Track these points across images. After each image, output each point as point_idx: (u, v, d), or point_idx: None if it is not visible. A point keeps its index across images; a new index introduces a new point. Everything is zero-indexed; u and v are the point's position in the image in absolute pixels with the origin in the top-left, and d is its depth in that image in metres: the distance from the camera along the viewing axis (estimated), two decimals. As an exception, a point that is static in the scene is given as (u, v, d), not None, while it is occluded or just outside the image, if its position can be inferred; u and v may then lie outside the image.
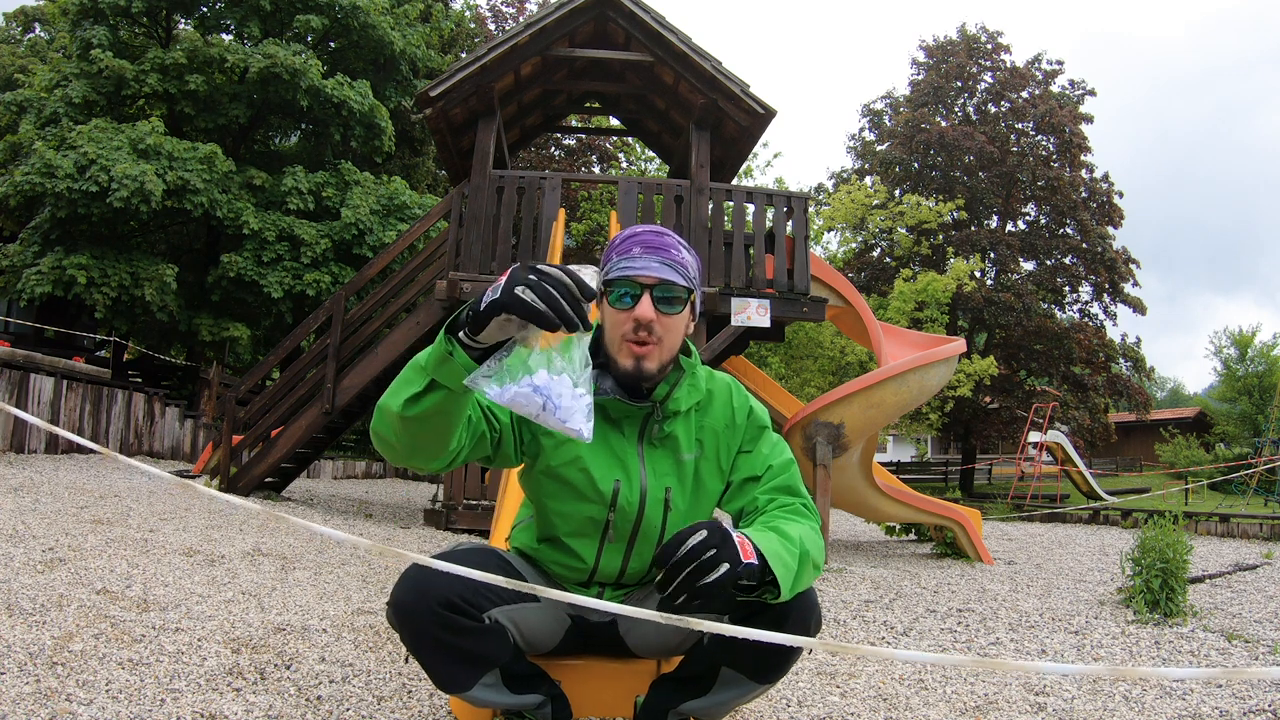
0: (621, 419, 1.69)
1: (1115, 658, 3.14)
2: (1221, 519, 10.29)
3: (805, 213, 7.37)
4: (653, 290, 1.58)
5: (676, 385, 1.68)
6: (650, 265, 1.58)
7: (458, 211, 7.28)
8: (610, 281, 1.61)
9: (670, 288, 1.59)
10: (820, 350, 16.21)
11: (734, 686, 1.69)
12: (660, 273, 1.58)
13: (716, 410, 1.73)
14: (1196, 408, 34.34)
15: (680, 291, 1.60)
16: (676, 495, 1.69)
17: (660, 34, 7.16)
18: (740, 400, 1.76)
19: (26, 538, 3.68)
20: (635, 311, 1.58)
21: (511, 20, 20.83)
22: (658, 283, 1.58)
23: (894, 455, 38.47)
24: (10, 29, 19.92)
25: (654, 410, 1.67)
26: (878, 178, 23.09)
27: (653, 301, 1.58)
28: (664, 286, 1.59)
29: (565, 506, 1.68)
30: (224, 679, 2.10)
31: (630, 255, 1.60)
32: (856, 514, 7.66)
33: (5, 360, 8.57)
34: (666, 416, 1.68)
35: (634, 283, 1.59)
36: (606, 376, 1.66)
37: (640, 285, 1.59)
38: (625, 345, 1.61)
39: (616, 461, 1.67)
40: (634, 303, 1.59)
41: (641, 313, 1.58)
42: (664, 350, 1.62)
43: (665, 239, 1.62)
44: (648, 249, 1.60)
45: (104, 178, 10.73)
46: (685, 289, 1.61)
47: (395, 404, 1.40)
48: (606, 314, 1.64)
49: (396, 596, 1.55)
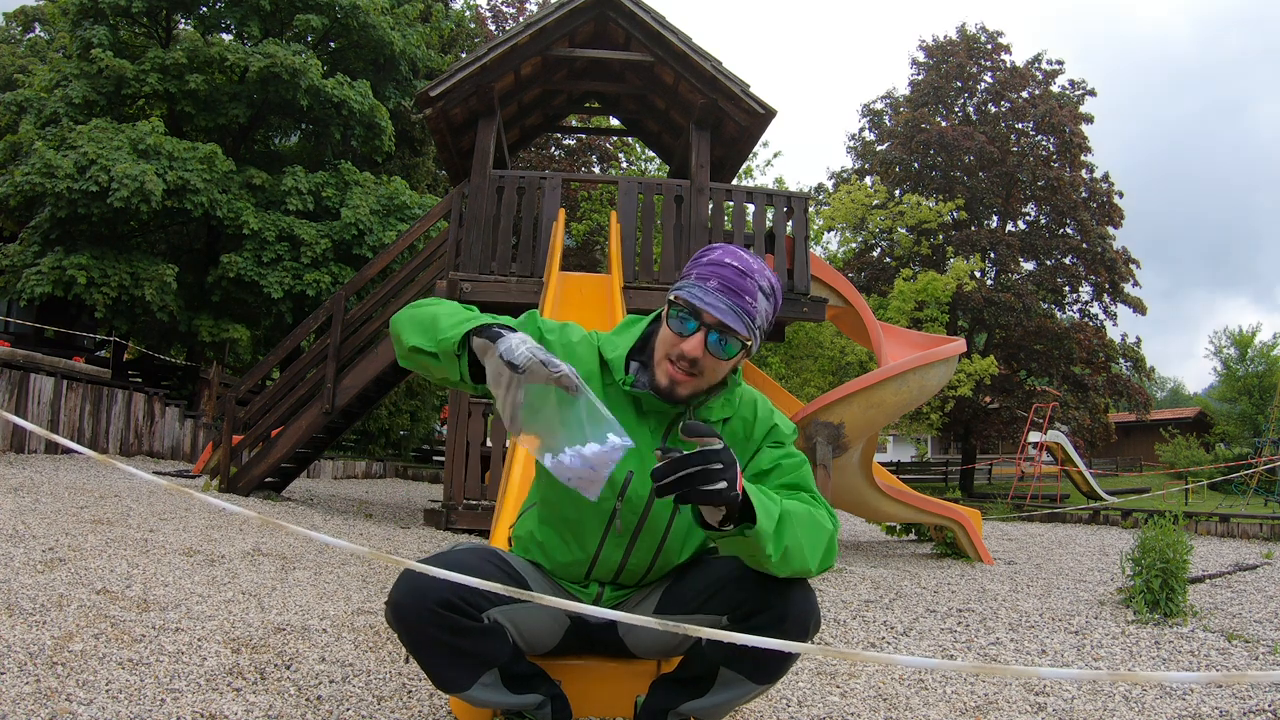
0: (651, 414, 1.69)
1: (1115, 658, 3.14)
2: (1221, 519, 10.29)
3: (805, 213, 7.37)
4: (709, 331, 1.56)
5: (713, 396, 1.68)
6: (719, 305, 1.54)
7: (458, 211, 7.28)
8: (676, 299, 1.59)
9: (730, 334, 1.56)
10: (820, 350, 16.21)
11: (733, 687, 1.69)
12: (725, 317, 1.54)
13: (736, 423, 1.73)
14: (1196, 408, 34.34)
15: (738, 341, 1.58)
16: None
17: (660, 34, 7.16)
18: (763, 414, 1.75)
19: (26, 538, 3.68)
20: (684, 345, 1.57)
21: (511, 20, 20.83)
22: (718, 325, 1.55)
23: (894, 455, 38.47)
24: (10, 29, 19.93)
25: (685, 414, 1.68)
26: (878, 178, 23.08)
27: (706, 341, 1.56)
28: (723, 330, 1.56)
29: None
30: (224, 679, 2.10)
31: (706, 285, 1.56)
32: (856, 514, 7.66)
33: (5, 360, 8.57)
34: None
35: (697, 313, 1.56)
36: (646, 373, 1.68)
37: (702, 320, 1.56)
38: (666, 364, 1.60)
39: (634, 453, 1.66)
40: (689, 333, 1.57)
41: (690, 348, 1.56)
42: (701, 384, 1.62)
43: (747, 282, 1.57)
44: (725, 287, 1.56)
45: (104, 178, 10.73)
46: (744, 340, 1.58)
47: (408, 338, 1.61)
48: (664, 325, 1.63)
49: (394, 596, 1.55)
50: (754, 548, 1.45)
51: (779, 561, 1.48)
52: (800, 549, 1.51)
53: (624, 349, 1.69)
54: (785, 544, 1.48)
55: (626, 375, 1.67)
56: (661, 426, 1.69)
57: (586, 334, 1.75)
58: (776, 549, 1.47)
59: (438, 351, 1.55)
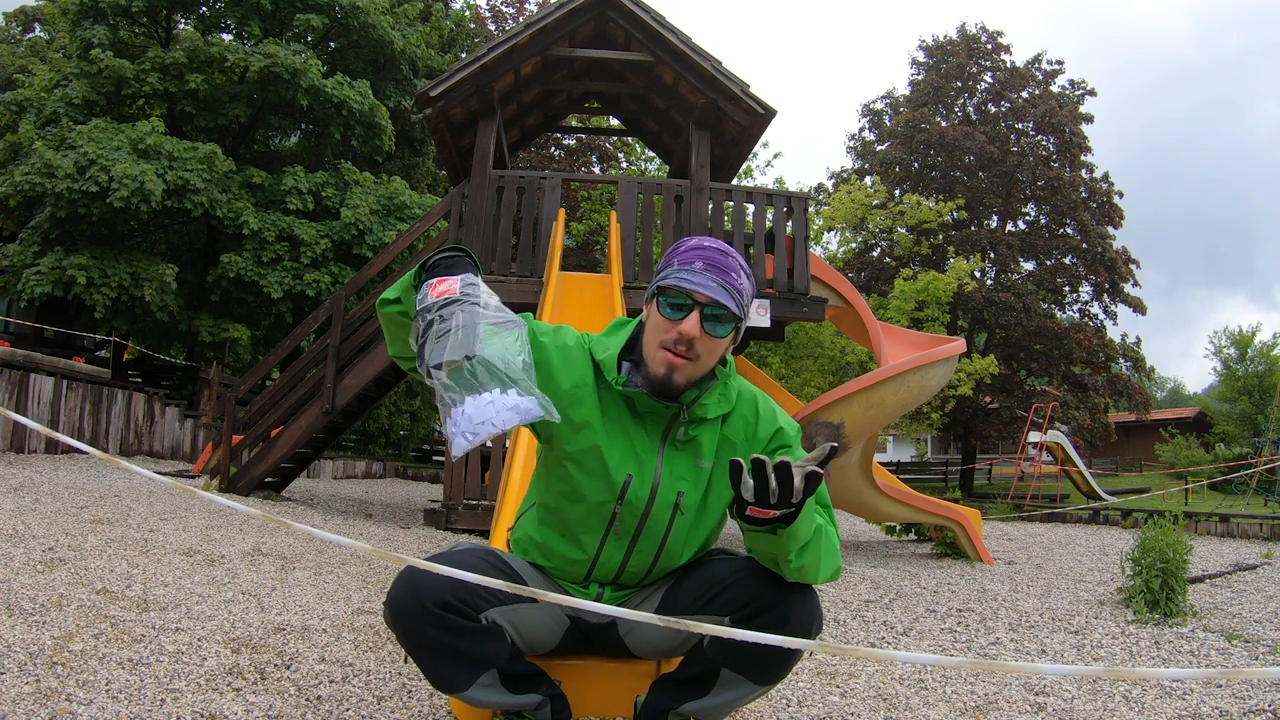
0: (646, 415, 1.69)
1: (1115, 658, 3.14)
2: (1221, 519, 10.28)
3: (805, 213, 7.37)
4: (704, 309, 1.58)
5: (706, 392, 1.68)
6: (709, 284, 1.57)
7: (458, 211, 7.28)
8: (664, 287, 1.61)
9: (722, 310, 1.59)
10: (820, 350, 16.20)
11: (734, 687, 1.69)
12: (716, 294, 1.57)
13: (737, 423, 1.73)
14: (1196, 408, 34.35)
15: (730, 318, 1.60)
16: (688, 499, 1.69)
17: (660, 34, 7.16)
18: (765, 413, 1.75)
19: (26, 538, 3.68)
20: (681, 326, 1.58)
21: (511, 20, 20.83)
22: (710, 302, 1.58)
23: (894, 455, 38.46)
24: (10, 29, 19.94)
25: (681, 412, 1.67)
26: (878, 178, 23.08)
27: (701, 320, 1.58)
28: (716, 308, 1.58)
29: (576, 492, 1.68)
30: (224, 679, 2.10)
31: (691, 269, 1.59)
32: (856, 514, 7.66)
33: (5, 360, 8.57)
34: (692, 421, 1.68)
35: (688, 295, 1.58)
36: (638, 373, 1.67)
37: (694, 300, 1.58)
38: (662, 353, 1.61)
39: (633, 455, 1.67)
40: (683, 315, 1.58)
41: (687, 328, 1.58)
42: (698, 367, 1.62)
43: (729, 260, 1.61)
44: (710, 266, 1.59)
45: (104, 178, 10.73)
46: (736, 316, 1.61)
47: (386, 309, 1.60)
48: (652, 317, 1.64)
49: (392, 597, 1.56)
50: (781, 548, 1.48)
51: (795, 568, 1.52)
52: (817, 564, 1.57)
53: (615, 349, 1.70)
54: (806, 557, 1.52)
55: (619, 376, 1.67)
56: (658, 428, 1.69)
57: (580, 337, 1.75)
58: (799, 557, 1.51)
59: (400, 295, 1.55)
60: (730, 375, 1.73)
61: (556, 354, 1.67)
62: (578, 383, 1.67)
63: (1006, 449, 25.29)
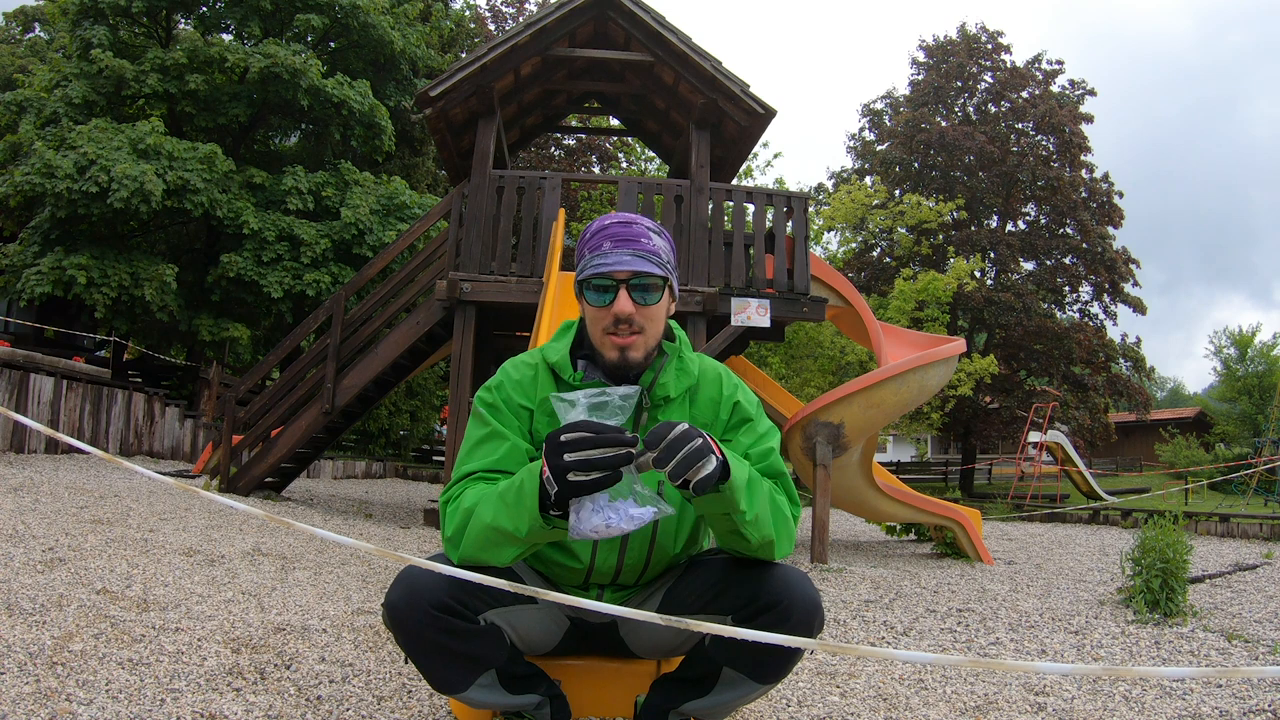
0: None
1: (1115, 658, 3.14)
2: (1221, 519, 10.29)
3: (805, 213, 7.37)
4: (628, 284, 1.59)
5: (662, 370, 1.68)
6: (622, 259, 1.58)
7: (458, 211, 7.28)
8: (584, 280, 1.62)
9: (645, 278, 1.59)
10: (820, 350, 16.19)
11: (735, 687, 1.69)
12: (633, 265, 1.58)
13: (702, 402, 1.73)
14: (1196, 408, 34.37)
15: (656, 280, 1.60)
16: (669, 491, 1.68)
17: (660, 34, 7.16)
18: (728, 391, 1.75)
19: (26, 538, 3.68)
20: (614, 308, 1.58)
21: (511, 20, 20.84)
22: (632, 275, 1.58)
23: (894, 455, 38.46)
24: (10, 29, 19.93)
25: (642, 399, 1.66)
26: (878, 178, 23.08)
27: (630, 295, 1.59)
28: (639, 278, 1.59)
29: None
30: (224, 679, 2.10)
31: (601, 251, 1.60)
32: (856, 514, 7.66)
33: (5, 360, 8.57)
34: (656, 404, 1.68)
35: (609, 278, 1.59)
36: (595, 368, 1.67)
37: (615, 280, 1.59)
38: (608, 338, 1.61)
39: None
40: (611, 297, 1.59)
41: (620, 308, 1.58)
42: (648, 338, 1.63)
43: (634, 228, 1.62)
44: (618, 242, 1.60)
45: (104, 178, 10.73)
46: (661, 277, 1.61)
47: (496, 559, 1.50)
48: (586, 309, 1.65)
49: (391, 599, 1.55)
50: (729, 504, 1.46)
51: (752, 522, 1.50)
52: (767, 518, 1.54)
53: (565, 349, 1.71)
54: (757, 508, 1.50)
55: (575, 372, 1.68)
56: (629, 423, 1.68)
57: (526, 360, 1.74)
58: (750, 507, 1.48)
59: (532, 541, 1.49)
60: (683, 348, 1.73)
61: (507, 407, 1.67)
62: (537, 406, 1.67)
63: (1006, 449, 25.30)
